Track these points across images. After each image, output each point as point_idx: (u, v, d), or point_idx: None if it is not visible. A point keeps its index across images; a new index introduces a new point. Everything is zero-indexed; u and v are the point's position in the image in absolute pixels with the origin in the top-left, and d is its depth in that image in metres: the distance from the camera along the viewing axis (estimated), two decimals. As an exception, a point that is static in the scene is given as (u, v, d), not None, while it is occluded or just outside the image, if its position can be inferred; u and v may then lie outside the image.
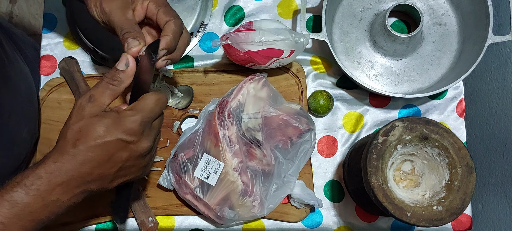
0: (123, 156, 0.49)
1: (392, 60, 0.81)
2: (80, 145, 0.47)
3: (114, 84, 0.50)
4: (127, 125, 0.48)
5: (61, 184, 0.47)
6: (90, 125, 0.48)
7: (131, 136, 0.49)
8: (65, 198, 0.48)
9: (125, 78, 0.51)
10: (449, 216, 0.58)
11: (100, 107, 0.49)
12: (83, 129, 0.48)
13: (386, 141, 0.60)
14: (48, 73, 0.82)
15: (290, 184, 0.72)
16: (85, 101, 0.49)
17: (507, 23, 0.73)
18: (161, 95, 0.52)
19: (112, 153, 0.48)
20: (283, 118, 0.71)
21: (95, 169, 0.48)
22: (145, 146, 0.51)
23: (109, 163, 0.49)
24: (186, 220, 0.77)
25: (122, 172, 0.51)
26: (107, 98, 0.50)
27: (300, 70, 0.79)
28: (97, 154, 0.48)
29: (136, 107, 0.50)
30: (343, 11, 0.83)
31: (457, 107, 0.81)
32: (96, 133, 0.47)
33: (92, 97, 0.49)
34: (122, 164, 0.50)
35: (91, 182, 0.49)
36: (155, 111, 0.51)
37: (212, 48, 0.83)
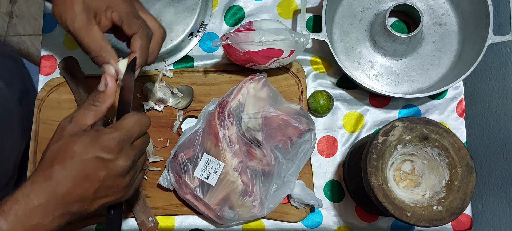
0: (101, 175, 0.48)
1: (392, 60, 0.81)
2: (56, 164, 0.47)
3: (95, 105, 0.51)
4: (104, 142, 0.48)
5: (38, 206, 0.46)
6: (68, 144, 0.48)
7: (108, 153, 0.48)
8: (46, 222, 0.47)
9: (106, 98, 0.51)
10: (449, 216, 0.58)
11: (80, 127, 0.49)
12: (61, 148, 0.48)
13: (386, 141, 0.60)
14: (48, 73, 0.82)
15: (290, 184, 0.72)
16: (67, 122, 0.50)
17: (507, 23, 0.73)
18: (142, 116, 0.52)
19: (89, 171, 0.48)
20: (283, 118, 0.71)
21: (73, 188, 0.47)
22: (124, 164, 0.49)
23: (86, 182, 0.48)
24: (186, 220, 0.77)
25: (101, 193, 0.49)
26: (89, 119, 0.50)
27: (300, 70, 0.79)
28: (73, 173, 0.47)
29: (115, 126, 0.50)
30: (343, 11, 0.83)
31: (457, 107, 0.81)
32: (72, 151, 0.47)
33: (73, 118, 0.50)
34: (101, 184, 0.49)
35: (71, 203, 0.48)
36: (134, 131, 0.51)
37: (212, 48, 0.83)
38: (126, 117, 0.51)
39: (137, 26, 0.56)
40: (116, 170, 0.49)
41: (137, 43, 0.55)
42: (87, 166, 0.47)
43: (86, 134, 0.48)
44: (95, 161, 0.48)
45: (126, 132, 0.49)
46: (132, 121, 0.51)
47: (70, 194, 0.47)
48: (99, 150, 0.48)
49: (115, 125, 0.50)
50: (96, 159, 0.48)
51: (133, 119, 0.51)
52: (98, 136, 0.48)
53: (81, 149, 0.47)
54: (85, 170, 0.47)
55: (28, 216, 0.46)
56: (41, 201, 0.46)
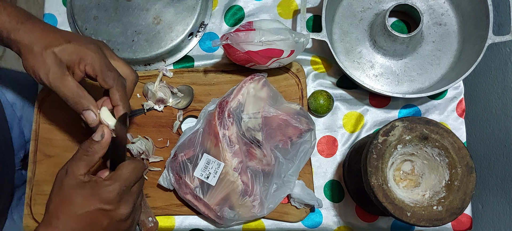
0: (104, 223, 0.52)
1: (392, 60, 0.81)
2: (62, 217, 0.50)
3: (88, 155, 0.52)
4: (105, 195, 0.51)
5: None
6: (69, 196, 0.51)
7: (110, 204, 0.51)
8: None
9: (100, 149, 0.53)
10: (449, 216, 0.58)
11: (76, 179, 0.51)
12: (63, 201, 0.51)
13: (386, 141, 0.60)
14: (48, 73, 0.82)
15: (290, 184, 0.72)
16: (63, 174, 0.52)
17: (507, 23, 0.73)
18: (137, 163, 0.54)
19: (92, 221, 0.51)
20: (283, 117, 0.71)
21: None
22: (124, 212, 0.53)
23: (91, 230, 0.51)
24: (186, 220, 0.77)
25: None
26: (83, 169, 0.52)
27: (300, 70, 0.79)
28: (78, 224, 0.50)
29: (113, 177, 0.52)
30: (343, 11, 0.83)
31: (457, 107, 0.81)
32: (75, 204, 0.50)
33: (68, 169, 0.52)
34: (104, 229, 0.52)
35: None
36: (131, 180, 0.53)
37: (212, 48, 0.83)
38: (123, 166, 0.53)
39: (112, 79, 0.56)
40: (118, 217, 0.52)
41: (115, 96, 0.57)
42: (90, 217, 0.51)
43: (86, 186, 0.51)
44: (98, 212, 0.51)
45: (124, 182, 0.52)
46: (129, 170, 0.53)
47: None
48: (100, 202, 0.51)
49: (113, 176, 0.52)
50: (99, 210, 0.51)
51: (130, 168, 0.53)
52: (98, 188, 0.51)
53: (83, 201, 0.50)
54: (89, 220, 0.51)
55: None
56: None
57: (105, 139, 0.54)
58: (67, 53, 0.55)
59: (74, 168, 0.52)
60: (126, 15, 0.80)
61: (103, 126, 0.55)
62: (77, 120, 0.78)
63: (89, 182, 0.52)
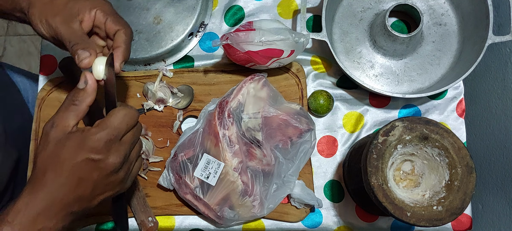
0: (94, 175, 0.49)
1: (392, 60, 0.81)
2: (49, 172, 0.47)
3: (75, 104, 0.50)
4: (92, 144, 0.48)
5: (41, 212, 0.47)
6: (56, 150, 0.48)
7: (98, 154, 0.48)
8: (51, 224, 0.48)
9: (86, 96, 0.50)
10: (449, 216, 0.58)
11: (64, 131, 0.49)
12: (50, 155, 0.48)
13: (386, 141, 0.60)
14: (48, 73, 0.82)
15: (290, 184, 0.72)
16: (49, 127, 0.49)
17: (507, 23, 0.73)
18: (128, 110, 0.51)
19: (82, 174, 0.48)
20: (283, 118, 0.71)
21: (69, 192, 0.48)
22: (114, 161, 0.49)
23: (81, 184, 0.49)
24: (186, 220, 0.77)
25: (98, 190, 0.50)
26: (71, 120, 0.49)
27: (300, 70, 0.79)
28: (67, 178, 0.48)
29: (101, 124, 0.49)
30: (343, 11, 0.83)
31: (457, 107, 0.81)
32: (62, 157, 0.47)
33: (54, 122, 0.49)
34: (95, 183, 0.49)
35: (71, 204, 0.49)
36: (121, 127, 0.50)
37: (212, 48, 0.83)
38: (112, 113, 0.50)
39: (122, 22, 0.57)
40: (108, 169, 0.49)
41: (121, 38, 0.56)
42: (79, 169, 0.48)
43: (72, 137, 0.48)
44: (86, 163, 0.48)
45: (113, 130, 0.49)
46: (119, 118, 0.50)
47: (68, 197, 0.48)
48: (87, 152, 0.48)
49: (101, 124, 0.49)
50: (87, 161, 0.48)
51: (119, 115, 0.50)
52: (84, 137, 0.48)
53: (70, 153, 0.47)
54: (78, 173, 0.48)
55: (32, 222, 0.47)
56: (41, 207, 0.47)
57: (89, 85, 0.50)
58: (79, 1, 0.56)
59: (61, 119, 0.49)
60: (127, 15, 0.80)
61: (86, 72, 0.51)
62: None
63: (76, 133, 0.49)
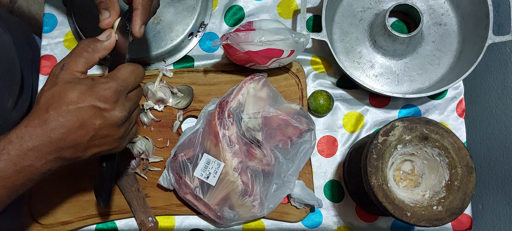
0: (97, 123, 0.49)
1: (392, 60, 0.81)
2: (52, 111, 0.47)
3: (88, 52, 0.50)
4: (101, 91, 0.48)
5: (32, 148, 0.46)
6: (62, 91, 0.48)
7: (105, 102, 0.48)
8: (38, 164, 0.47)
9: (102, 48, 0.51)
10: (449, 216, 0.58)
11: (73, 75, 0.49)
12: (56, 95, 0.48)
13: (386, 141, 0.60)
14: (48, 73, 0.82)
15: (290, 184, 0.72)
16: (59, 69, 0.49)
17: (507, 23, 0.73)
18: (137, 66, 0.52)
19: (84, 119, 0.48)
20: (283, 117, 0.71)
21: (67, 135, 0.47)
22: (119, 114, 0.50)
23: (81, 130, 0.48)
24: (186, 220, 0.77)
25: (96, 141, 0.50)
26: (81, 66, 0.50)
27: (300, 70, 0.79)
28: (69, 120, 0.47)
29: (111, 75, 0.50)
30: (343, 11, 0.83)
31: (457, 107, 0.81)
32: (68, 98, 0.47)
33: (65, 65, 0.49)
34: (95, 132, 0.49)
35: (64, 149, 0.48)
36: (129, 81, 0.51)
37: (212, 48, 0.83)
38: (121, 67, 0.51)
39: None
40: (112, 120, 0.49)
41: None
42: (82, 114, 0.48)
43: (81, 82, 0.48)
44: (91, 110, 0.48)
45: (122, 82, 0.50)
46: (128, 71, 0.51)
47: (64, 140, 0.48)
48: (95, 99, 0.48)
49: (111, 75, 0.50)
50: (92, 107, 0.48)
51: (129, 69, 0.51)
52: (94, 85, 0.48)
53: (77, 96, 0.47)
54: (81, 118, 0.48)
55: (21, 157, 0.46)
56: (34, 144, 0.46)
57: (110, 41, 0.52)
58: None
59: (72, 63, 0.49)
60: (126, 15, 0.80)
61: (112, 30, 0.53)
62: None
63: (86, 79, 0.49)
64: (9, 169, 0.46)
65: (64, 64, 0.49)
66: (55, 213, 0.75)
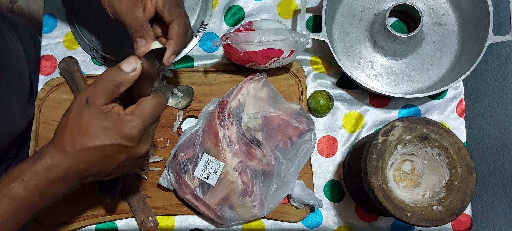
0: (121, 158, 0.50)
1: (392, 60, 0.81)
2: (78, 145, 0.48)
3: (113, 86, 0.49)
4: (127, 130, 0.49)
5: (58, 179, 0.48)
6: (89, 126, 0.48)
7: (131, 141, 0.49)
8: (62, 191, 0.50)
9: (127, 82, 0.50)
10: (449, 216, 0.58)
11: (98, 109, 0.49)
12: (82, 129, 0.48)
13: (386, 141, 0.60)
14: (48, 73, 0.82)
15: (290, 184, 0.72)
16: (83, 102, 0.49)
17: (507, 23, 0.73)
18: (161, 98, 0.52)
19: (110, 155, 0.49)
20: (283, 118, 0.71)
21: (92, 166, 0.49)
22: (144, 149, 0.52)
23: (106, 162, 0.50)
24: (186, 220, 0.77)
25: (118, 170, 0.52)
26: (105, 99, 0.50)
27: (300, 70, 0.79)
28: (94, 155, 0.49)
29: (136, 112, 0.50)
30: (343, 11, 0.83)
31: (457, 107, 0.81)
32: (95, 134, 0.48)
33: (89, 99, 0.49)
34: (119, 164, 0.51)
35: (88, 176, 0.50)
36: (154, 116, 0.51)
37: (212, 48, 0.83)
38: (146, 101, 0.51)
39: (177, 13, 0.57)
40: (136, 155, 0.51)
41: (174, 30, 0.56)
42: (108, 150, 0.49)
43: (107, 117, 0.49)
44: (117, 147, 0.49)
45: (147, 118, 0.50)
46: (153, 107, 0.51)
47: (89, 170, 0.49)
48: (121, 137, 0.49)
49: (137, 111, 0.50)
50: (118, 145, 0.49)
51: (154, 104, 0.51)
52: (120, 122, 0.49)
53: (103, 133, 0.48)
54: (107, 153, 0.49)
55: (47, 186, 0.48)
56: (60, 175, 0.48)
57: (135, 73, 0.49)
58: None
59: (97, 97, 0.49)
60: (126, 15, 0.80)
61: (137, 58, 0.51)
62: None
63: (111, 114, 0.49)
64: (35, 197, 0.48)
65: (89, 98, 0.49)
66: (55, 213, 0.75)
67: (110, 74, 0.49)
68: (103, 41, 0.81)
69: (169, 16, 0.56)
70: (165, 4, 0.56)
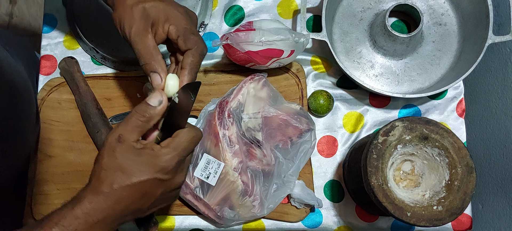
0: (158, 192, 0.50)
1: (392, 60, 0.81)
2: (115, 185, 0.47)
3: (143, 121, 0.49)
4: (162, 164, 0.48)
5: (97, 222, 0.48)
6: (124, 164, 0.48)
7: (167, 174, 0.49)
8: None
9: (156, 115, 0.50)
10: (449, 216, 0.58)
11: (131, 146, 0.49)
12: (118, 169, 0.48)
13: (386, 141, 0.60)
14: (48, 73, 0.82)
15: (290, 184, 0.72)
16: (115, 141, 0.49)
17: (507, 23, 0.73)
18: (197, 131, 0.52)
19: (147, 191, 0.49)
20: (283, 118, 0.71)
21: (131, 205, 0.49)
22: (179, 181, 0.51)
23: (144, 199, 0.50)
24: (186, 220, 0.77)
25: (156, 204, 0.52)
26: (137, 135, 0.49)
27: (300, 70, 0.79)
28: (132, 193, 0.48)
29: (171, 146, 0.49)
30: (343, 11, 0.83)
31: (457, 107, 0.81)
32: (131, 172, 0.48)
33: (121, 137, 0.49)
34: (157, 198, 0.51)
35: (127, 215, 0.50)
36: (189, 149, 0.51)
37: (212, 48, 0.83)
38: (182, 134, 0.51)
39: (193, 42, 0.55)
40: (172, 187, 0.51)
41: (187, 59, 0.55)
42: (146, 187, 0.48)
43: (142, 154, 0.49)
44: (153, 182, 0.49)
45: (182, 151, 0.50)
46: (188, 140, 0.51)
47: (127, 209, 0.49)
48: (157, 172, 0.48)
49: (171, 144, 0.50)
50: (154, 180, 0.49)
51: (189, 137, 0.51)
52: (155, 157, 0.48)
53: (139, 171, 0.48)
54: (144, 190, 0.49)
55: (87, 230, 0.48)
56: (100, 218, 0.48)
57: (163, 106, 0.50)
58: (156, 10, 0.55)
59: (128, 134, 0.49)
60: (126, 15, 0.80)
61: (161, 91, 0.51)
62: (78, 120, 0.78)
63: (145, 149, 0.49)
64: None
65: (120, 136, 0.49)
66: (55, 213, 0.75)
67: (139, 110, 0.50)
68: (103, 41, 0.81)
69: (184, 45, 0.55)
70: (178, 33, 0.55)
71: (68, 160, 0.77)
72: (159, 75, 0.53)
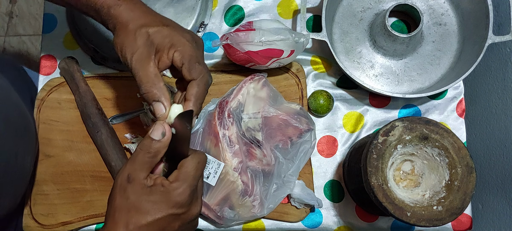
0: (175, 226, 0.49)
1: (392, 60, 0.81)
2: (131, 226, 0.47)
3: (150, 157, 0.49)
4: (176, 199, 0.48)
5: None
6: (137, 204, 0.47)
7: (182, 208, 0.48)
8: None
9: (162, 148, 0.49)
10: (449, 216, 0.58)
11: (142, 185, 0.48)
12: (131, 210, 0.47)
13: (386, 141, 0.60)
14: (48, 73, 0.82)
15: (290, 184, 0.72)
16: (125, 181, 0.48)
17: (507, 23, 0.73)
18: (201, 156, 0.51)
19: (164, 227, 0.48)
20: (283, 117, 0.71)
21: None
22: (195, 211, 0.51)
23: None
24: (186, 220, 0.77)
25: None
26: (146, 172, 0.49)
27: (300, 70, 0.79)
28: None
29: (180, 178, 0.49)
30: (343, 11, 0.83)
31: (457, 107, 0.81)
32: (145, 211, 0.47)
33: (130, 176, 0.48)
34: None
35: None
36: (198, 176, 0.50)
37: (212, 48, 0.83)
38: (187, 164, 0.50)
39: (198, 72, 0.53)
40: (189, 218, 0.50)
41: (192, 90, 0.53)
42: (162, 223, 0.48)
43: (153, 191, 0.48)
44: (169, 217, 0.48)
45: (192, 180, 0.49)
46: (195, 167, 0.50)
47: None
48: (172, 207, 0.48)
49: (181, 177, 0.49)
50: (170, 215, 0.48)
51: (195, 164, 0.50)
52: (167, 192, 0.48)
53: (153, 209, 0.47)
54: (160, 226, 0.48)
55: None
56: None
57: (167, 137, 0.49)
58: (161, 36, 0.53)
59: (138, 172, 0.48)
60: (126, 15, 0.80)
61: (164, 123, 0.50)
62: (77, 120, 0.78)
63: (156, 186, 0.48)
64: None
65: (130, 175, 0.48)
66: (55, 214, 0.75)
67: (144, 147, 0.49)
68: (103, 41, 0.81)
69: (188, 75, 0.53)
70: (183, 61, 0.53)
71: (67, 159, 0.77)
72: (162, 105, 0.52)
